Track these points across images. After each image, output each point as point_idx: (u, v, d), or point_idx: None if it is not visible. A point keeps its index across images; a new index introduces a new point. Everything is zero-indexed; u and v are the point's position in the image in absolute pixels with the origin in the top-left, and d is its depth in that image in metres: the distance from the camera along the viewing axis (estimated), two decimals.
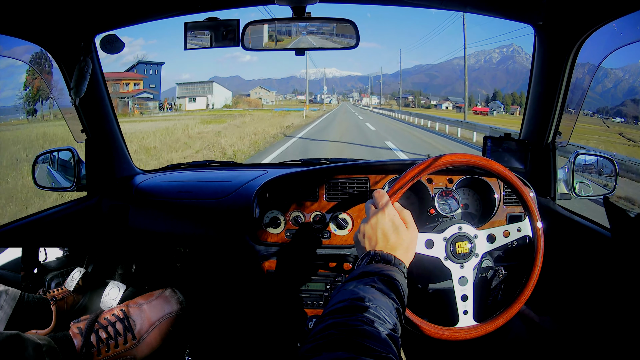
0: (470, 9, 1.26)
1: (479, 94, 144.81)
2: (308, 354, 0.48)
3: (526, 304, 0.87)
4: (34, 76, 13.99)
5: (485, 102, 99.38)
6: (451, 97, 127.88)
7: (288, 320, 1.27)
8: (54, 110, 14.91)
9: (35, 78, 14.45)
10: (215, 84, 68.36)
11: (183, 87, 67.02)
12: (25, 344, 0.76)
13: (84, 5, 1.12)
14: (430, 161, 0.84)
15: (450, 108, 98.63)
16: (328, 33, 1.15)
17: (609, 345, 1.02)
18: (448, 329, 0.83)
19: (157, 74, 49.52)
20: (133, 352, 0.95)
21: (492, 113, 65.91)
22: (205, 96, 62.75)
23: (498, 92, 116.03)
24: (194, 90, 64.93)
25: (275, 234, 1.23)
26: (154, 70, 49.41)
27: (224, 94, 68.79)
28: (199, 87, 66.64)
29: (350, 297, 0.60)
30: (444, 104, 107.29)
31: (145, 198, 1.42)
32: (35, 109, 15.65)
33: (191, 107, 55.98)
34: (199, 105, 58.98)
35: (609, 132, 13.43)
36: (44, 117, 15.52)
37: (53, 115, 15.09)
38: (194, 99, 59.86)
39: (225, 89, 71.08)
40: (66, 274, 1.09)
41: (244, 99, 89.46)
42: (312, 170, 1.27)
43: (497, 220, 1.22)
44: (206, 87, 67.16)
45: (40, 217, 1.27)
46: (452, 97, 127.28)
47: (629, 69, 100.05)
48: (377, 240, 0.73)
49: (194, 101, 58.98)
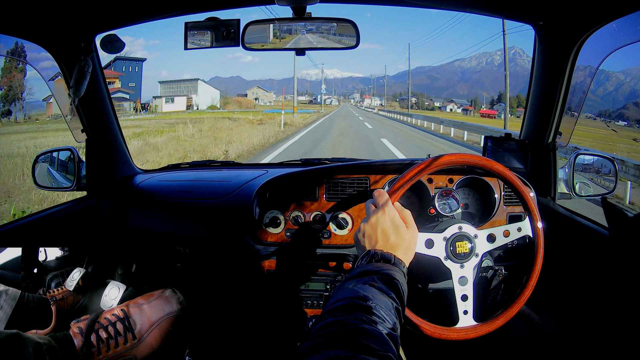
0: (470, 9, 1.26)
1: (480, 97, 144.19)
2: (307, 352, 0.48)
3: (526, 304, 0.87)
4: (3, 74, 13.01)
5: (490, 105, 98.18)
6: (454, 99, 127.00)
7: (288, 320, 1.27)
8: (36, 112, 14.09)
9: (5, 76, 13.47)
10: (200, 83, 59.26)
11: (166, 85, 59.37)
12: (25, 344, 0.76)
13: (84, 5, 1.12)
14: (430, 161, 0.84)
15: (456, 110, 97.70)
16: (328, 33, 1.15)
17: (609, 345, 1.02)
18: (448, 329, 0.83)
19: (138, 71, 42.33)
20: (133, 352, 0.95)
21: (500, 116, 64.43)
22: (186, 96, 53.94)
23: (503, 94, 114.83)
24: (177, 89, 57.27)
25: (275, 233, 1.23)
26: (134, 67, 41.90)
27: (210, 93, 60.04)
28: (183, 85, 58.49)
29: (350, 295, 0.60)
30: (449, 106, 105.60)
31: (145, 198, 1.42)
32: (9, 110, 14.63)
33: (169, 109, 46.51)
34: (178, 106, 50.21)
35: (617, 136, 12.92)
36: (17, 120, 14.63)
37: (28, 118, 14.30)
38: (171, 99, 50.60)
39: (212, 88, 62.25)
40: (66, 274, 1.09)
41: (234, 99, 79.57)
42: (312, 170, 1.27)
43: (497, 220, 1.22)
44: (190, 86, 58.57)
45: (40, 217, 1.27)
46: (455, 99, 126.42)
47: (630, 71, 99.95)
48: (377, 240, 0.73)
49: (172, 102, 49.76)
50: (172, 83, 61.23)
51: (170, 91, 57.22)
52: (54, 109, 19.24)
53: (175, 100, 50.90)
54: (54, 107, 19.10)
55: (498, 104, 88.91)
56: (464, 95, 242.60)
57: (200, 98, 57.15)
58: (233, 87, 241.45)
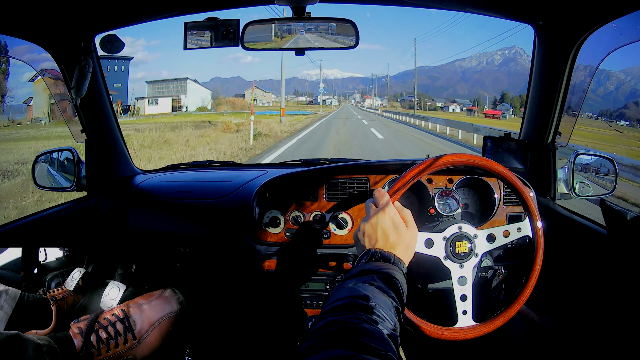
0: (470, 8, 1.26)
1: (482, 97, 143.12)
2: (308, 351, 0.48)
3: (526, 304, 0.87)
4: None
5: (493, 105, 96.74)
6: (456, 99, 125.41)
7: (288, 320, 1.28)
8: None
9: None
10: (189, 82, 54.95)
11: (154, 85, 55.36)
12: (25, 344, 0.76)
13: (84, 5, 1.12)
14: (430, 161, 0.84)
15: (458, 111, 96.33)
16: (328, 32, 1.15)
17: (609, 345, 1.02)
18: (447, 329, 0.83)
19: (124, 70, 37.38)
20: (133, 352, 0.95)
21: (505, 116, 62.03)
22: (172, 97, 49.77)
23: (506, 94, 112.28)
24: (166, 90, 53.24)
25: (275, 233, 1.23)
26: (120, 67, 36.77)
27: (200, 93, 55.90)
28: (171, 85, 54.50)
29: (350, 294, 0.60)
30: (451, 107, 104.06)
31: (145, 198, 1.42)
32: None
33: (152, 111, 41.53)
34: (163, 108, 45.33)
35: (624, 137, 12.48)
36: None
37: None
38: (155, 100, 45.62)
39: (203, 87, 58.31)
40: (66, 274, 1.09)
41: (227, 100, 73.94)
42: (312, 170, 1.27)
43: (497, 220, 1.22)
44: (179, 85, 54.33)
45: (40, 217, 1.27)
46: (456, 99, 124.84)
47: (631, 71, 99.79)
48: (377, 239, 0.73)
49: (156, 103, 44.72)
50: (160, 83, 57.53)
51: (159, 91, 53.67)
52: (34, 112, 18.33)
53: (159, 101, 46.44)
54: (35, 110, 18.15)
55: (501, 104, 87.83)
56: (465, 95, 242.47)
57: (190, 99, 53.42)
58: (233, 88, 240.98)
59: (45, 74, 1.33)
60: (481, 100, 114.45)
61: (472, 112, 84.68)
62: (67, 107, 1.34)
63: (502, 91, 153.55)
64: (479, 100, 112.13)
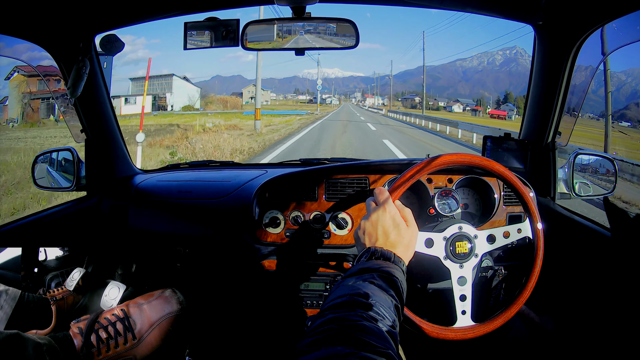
0: (470, 9, 1.26)
1: (483, 96, 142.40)
2: (308, 348, 0.48)
3: (526, 304, 0.87)
4: None
5: (496, 105, 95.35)
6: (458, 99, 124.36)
7: (288, 320, 1.28)
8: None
9: None
10: (175, 79, 48.93)
11: (137, 83, 47.89)
12: (25, 344, 0.76)
13: (84, 5, 1.12)
14: (429, 160, 0.84)
15: (461, 111, 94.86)
16: (328, 32, 1.15)
17: (609, 345, 1.02)
18: (446, 329, 0.83)
19: (107, 67, 31.04)
20: (133, 352, 0.95)
21: (511, 117, 60.79)
22: (153, 95, 44.11)
23: (510, 94, 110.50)
24: (150, 87, 44.68)
25: (274, 233, 1.23)
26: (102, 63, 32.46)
27: (187, 91, 49.39)
28: (156, 82, 47.91)
29: (350, 292, 0.60)
30: (454, 106, 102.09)
31: (145, 198, 1.42)
32: None
33: (128, 111, 34.57)
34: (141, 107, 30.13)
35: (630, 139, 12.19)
36: None
37: None
38: (134, 99, 38.57)
39: (190, 84, 51.50)
40: (66, 274, 1.09)
41: (218, 98, 65.80)
42: (312, 170, 1.27)
43: (497, 220, 1.22)
44: (164, 82, 48.41)
45: (40, 217, 1.27)
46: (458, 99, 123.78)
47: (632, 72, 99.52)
48: (377, 237, 0.73)
49: (134, 102, 37.42)
50: (143, 80, 50.04)
51: (142, 89, 44.98)
52: (10, 112, 17.51)
53: (137, 100, 37.95)
54: (10, 111, 17.26)
55: (505, 104, 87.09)
56: (466, 95, 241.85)
57: (175, 97, 47.80)
58: (234, 86, 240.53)
59: (45, 73, 1.33)
60: (484, 100, 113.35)
61: (477, 112, 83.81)
62: (67, 107, 1.35)
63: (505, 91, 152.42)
64: (482, 100, 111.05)
